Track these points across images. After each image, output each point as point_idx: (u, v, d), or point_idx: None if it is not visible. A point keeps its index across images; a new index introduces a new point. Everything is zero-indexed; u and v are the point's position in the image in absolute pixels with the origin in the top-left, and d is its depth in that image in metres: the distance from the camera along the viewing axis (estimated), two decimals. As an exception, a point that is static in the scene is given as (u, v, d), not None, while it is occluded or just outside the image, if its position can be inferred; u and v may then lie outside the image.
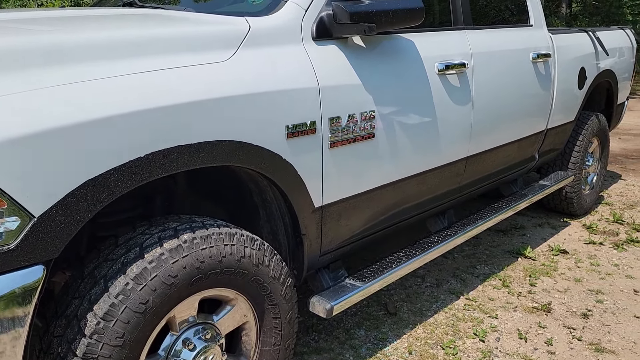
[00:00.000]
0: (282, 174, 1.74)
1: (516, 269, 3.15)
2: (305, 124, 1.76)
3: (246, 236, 1.66)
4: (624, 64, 4.25)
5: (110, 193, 1.32)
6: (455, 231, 2.65)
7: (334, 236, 2.05)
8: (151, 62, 1.45)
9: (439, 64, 2.32)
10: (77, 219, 1.28)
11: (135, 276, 1.40)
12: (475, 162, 2.71)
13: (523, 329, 2.51)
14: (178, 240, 1.49)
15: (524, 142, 3.12)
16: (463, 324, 2.55)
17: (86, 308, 1.36)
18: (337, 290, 2.08)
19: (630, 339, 2.46)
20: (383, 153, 2.10)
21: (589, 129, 3.83)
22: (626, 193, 4.64)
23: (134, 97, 1.35)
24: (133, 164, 1.35)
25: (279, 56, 1.75)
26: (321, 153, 1.84)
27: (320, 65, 1.84)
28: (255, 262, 1.67)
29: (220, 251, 1.56)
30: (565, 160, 3.79)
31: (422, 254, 2.39)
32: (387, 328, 2.51)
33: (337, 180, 1.94)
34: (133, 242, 1.49)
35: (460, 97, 2.45)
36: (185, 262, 1.48)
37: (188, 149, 1.46)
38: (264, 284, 1.71)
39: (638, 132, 7.32)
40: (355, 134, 1.95)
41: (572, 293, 2.87)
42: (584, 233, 3.73)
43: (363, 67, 1.99)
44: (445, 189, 2.59)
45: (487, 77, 2.62)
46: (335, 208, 1.98)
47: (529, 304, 2.74)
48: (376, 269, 2.24)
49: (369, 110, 1.99)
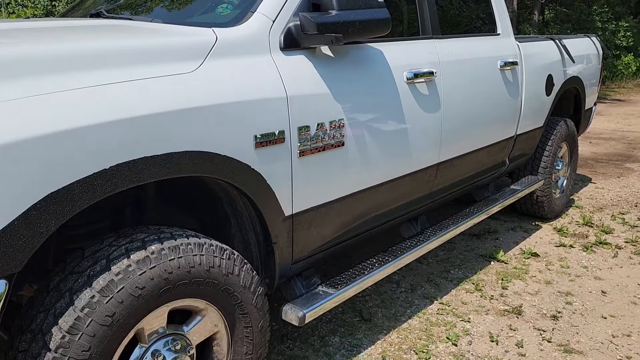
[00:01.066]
0: (251, 183, 1.75)
1: (489, 273, 3.20)
2: (273, 133, 1.78)
3: (215, 246, 1.67)
4: (591, 70, 4.36)
5: (75, 206, 1.32)
6: (428, 236, 2.69)
7: (305, 244, 2.06)
8: (116, 74, 1.45)
9: (408, 72, 2.36)
10: (40, 232, 1.27)
11: (102, 288, 1.39)
12: (446, 168, 2.75)
13: (494, 332, 2.56)
14: (145, 252, 1.49)
15: (494, 147, 3.18)
16: (436, 328, 2.58)
17: (51, 322, 1.35)
18: (309, 297, 2.09)
19: (597, 339, 2.51)
20: (353, 161, 2.12)
21: (558, 134, 3.92)
22: (596, 196, 4.75)
23: (98, 109, 1.35)
24: (98, 176, 1.35)
25: (246, 67, 1.76)
26: (290, 162, 1.86)
27: (288, 75, 1.86)
28: (224, 272, 1.67)
29: (188, 262, 1.56)
30: (535, 165, 3.87)
31: (394, 260, 2.42)
32: (362, 334, 2.53)
33: (307, 189, 1.96)
34: (100, 254, 1.48)
35: (429, 105, 2.49)
36: (152, 274, 1.48)
37: (155, 160, 1.46)
38: (235, 294, 1.71)
39: (608, 136, 7.50)
40: (325, 142, 1.97)
41: (542, 295, 2.93)
42: (555, 236, 3.81)
43: (332, 76, 2.01)
44: (416, 195, 2.63)
45: (456, 85, 2.67)
46: (305, 216, 2.00)
47: (501, 307, 2.79)
48: (349, 275, 2.26)
49: (338, 119, 2.01)
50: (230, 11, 1.92)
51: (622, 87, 13.57)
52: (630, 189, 4.95)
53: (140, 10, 2.28)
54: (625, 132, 7.83)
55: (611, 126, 8.31)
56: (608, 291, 2.99)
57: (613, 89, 13.25)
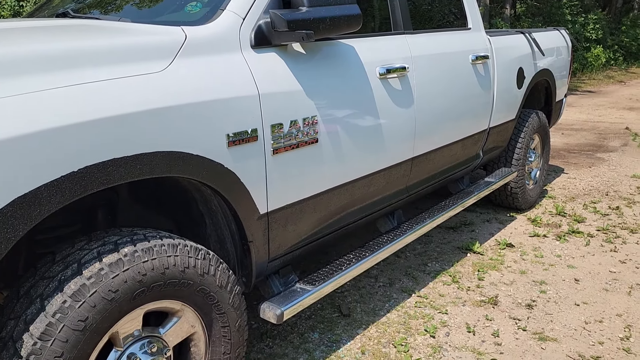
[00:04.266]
0: (225, 182, 1.74)
1: (465, 265, 3.24)
2: (246, 131, 1.77)
3: (190, 246, 1.65)
4: (561, 62, 4.44)
5: (43, 209, 1.29)
6: (405, 230, 2.72)
7: (282, 242, 2.06)
8: (82, 75, 1.43)
9: (380, 68, 2.37)
10: (6, 238, 1.24)
11: (73, 293, 1.37)
12: (421, 162, 2.78)
13: (471, 322, 2.59)
14: (118, 254, 1.47)
15: (468, 141, 3.22)
16: (414, 321, 2.61)
17: (22, 329, 1.33)
18: (287, 295, 2.09)
19: (571, 326, 2.57)
20: (328, 157, 2.13)
21: (530, 126, 3.98)
22: (568, 186, 4.85)
23: (63, 111, 1.33)
24: (66, 179, 1.32)
25: (216, 65, 1.75)
26: (264, 160, 1.86)
27: (259, 73, 1.85)
28: (200, 272, 1.66)
29: (162, 263, 1.55)
30: (508, 157, 3.93)
31: (372, 255, 2.43)
32: (341, 330, 2.54)
33: (282, 186, 1.96)
34: (71, 258, 1.46)
35: (402, 99, 2.51)
36: (126, 276, 1.46)
37: (125, 162, 1.44)
38: (211, 294, 1.70)
39: (579, 127, 7.66)
40: (299, 139, 1.97)
41: (517, 285, 2.98)
42: (529, 226, 3.88)
43: (304, 73, 2.01)
44: (392, 190, 2.65)
45: (428, 79, 2.70)
46: (281, 214, 2.00)
47: (477, 298, 2.83)
48: (326, 271, 2.27)
49: (312, 115, 2.02)
50: (199, 9, 1.91)
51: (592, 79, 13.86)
52: (601, 179, 5.06)
53: (107, 9, 2.25)
54: (596, 122, 8.00)
55: (582, 117, 8.48)
56: (581, 279, 3.06)
57: (583, 81, 13.53)
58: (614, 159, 5.81)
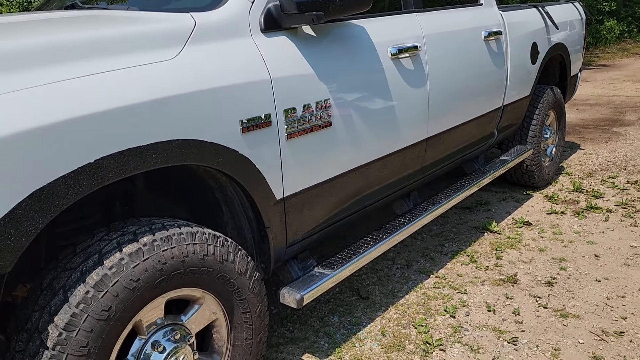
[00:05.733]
0: (240, 169, 1.73)
1: (483, 244, 3.22)
2: (259, 117, 1.76)
3: (208, 234, 1.66)
4: (575, 36, 4.35)
5: (61, 202, 1.30)
6: (421, 212, 2.70)
7: (299, 227, 2.06)
8: (94, 65, 1.42)
9: (392, 48, 2.34)
10: (27, 231, 1.25)
11: (95, 283, 1.38)
12: (436, 142, 2.75)
13: (491, 301, 2.58)
14: (138, 244, 1.48)
15: (482, 119, 3.17)
16: (434, 301, 2.60)
17: (47, 320, 1.34)
18: (306, 280, 2.09)
19: (592, 302, 2.55)
20: (342, 140, 2.11)
21: (545, 102, 3.92)
22: (585, 162, 4.78)
23: (77, 102, 1.32)
24: (83, 171, 1.32)
25: (227, 51, 1.73)
26: (278, 145, 1.84)
27: (270, 57, 1.83)
28: (219, 259, 1.66)
29: (182, 251, 1.55)
30: (524, 135, 3.88)
31: (389, 237, 2.42)
32: (360, 312, 2.54)
33: (297, 171, 1.95)
34: (91, 249, 1.46)
35: (415, 79, 2.47)
36: (146, 265, 1.47)
37: (140, 151, 1.44)
38: (231, 280, 1.71)
39: (594, 102, 7.53)
40: (312, 123, 1.95)
41: (536, 263, 2.96)
42: (546, 204, 3.84)
43: (315, 56, 1.99)
44: (407, 172, 2.63)
45: (441, 58, 2.65)
46: (297, 199, 1.99)
47: (496, 277, 2.81)
48: (344, 255, 2.26)
49: (324, 99, 1.99)
50: (207, -5, 1.88)
51: (606, 52, 13.58)
52: (618, 153, 4.98)
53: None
54: (611, 97, 7.86)
55: (597, 92, 8.33)
56: (601, 254, 3.02)
57: (597, 55, 13.26)
58: (630, 132, 5.70)
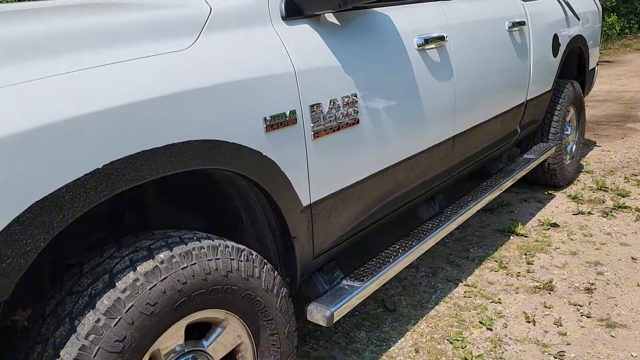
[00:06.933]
0: (264, 172, 1.54)
1: (510, 248, 3.03)
2: (284, 114, 1.57)
3: (231, 247, 1.46)
4: (593, 29, 4.18)
5: (66, 215, 1.10)
6: (449, 215, 2.51)
7: (326, 236, 1.86)
8: (99, 56, 1.23)
9: (418, 38, 2.15)
10: (26, 250, 1.05)
11: (107, 310, 1.18)
12: (462, 140, 2.56)
13: (529, 311, 2.39)
14: (154, 261, 1.28)
15: (507, 115, 2.99)
16: (467, 312, 2.41)
17: (51, 355, 1.14)
18: (334, 294, 1.90)
19: (638, 309, 2.36)
20: (369, 139, 1.92)
21: (566, 98, 3.74)
22: (604, 159, 4.60)
23: (80, 99, 1.13)
24: (90, 178, 1.13)
25: (246, 40, 1.54)
26: (304, 145, 1.65)
27: (293, 48, 1.64)
28: (244, 276, 1.47)
29: (203, 268, 1.36)
30: (545, 132, 3.70)
31: (419, 244, 2.23)
32: (389, 326, 2.35)
33: (324, 174, 1.76)
34: (101, 268, 1.27)
35: (441, 72, 2.29)
36: (164, 286, 1.27)
37: (154, 154, 1.25)
38: (257, 299, 1.51)
39: (603, 98, 7.36)
40: (339, 120, 1.76)
41: (571, 267, 2.77)
42: (571, 204, 3.65)
43: (340, 46, 1.80)
44: (434, 173, 2.44)
45: (467, 49, 2.47)
46: (324, 205, 1.80)
47: (530, 284, 2.62)
48: (373, 265, 2.07)
49: (351, 93, 1.81)
50: (222, -21, 1.69)
51: (608, 48, 13.44)
52: (637, 150, 4.80)
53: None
54: (620, 92, 7.70)
55: (605, 88, 8.17)
56: (638, 257, 2.84)
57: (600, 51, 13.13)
58: (646, 128, 5.54)
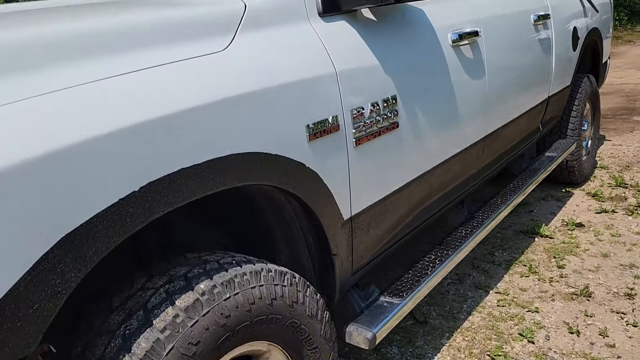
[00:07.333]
0: (306, 185, 1.39)
1: (537, 251, 2.91)
2: (326, 120, 1.41)
3: (274, 271, 1.31)
4: (606, 20, 4.07)
5: (100, 247, 0.94)
6: (482, 220, 2.37)
7: (365, 250, 1.71)
8: (126, 62, 1.07)
9: (452, 34, 2.00)
10: (56, 292, 0.89)
11: (146, 354, 1.02)
12: (492, 140, 2.42)
13: (570, 320, 2.26)
14: (193, 293, 1.12)
15: (532, 112, 2.86)
16: (503, 323, 2.28)
17: (83, 409, 0.98)
18: (373, 312, 1.75)
19: (684, 316, 2.25)
20: (408, 144, 1.77)
21: (584, 92, 3.62)
22: (617, 154, 4.50)
23: (106, 113, 0.97)
24: (126, 203, 0.97)
25: (285, 39, 1.38)
26: (346, 154, 1.50)
27: (333, 46, 1.48)
28: (289, 302, 1.31)
29: (247, 297, 1.20)
30: (563, 128, 3.57)
31: (455, 252, 2.09)
32: (422, 340, 2.21)
33: (365, 184, 1.61)
34: (133, 302, 1.11)
35: (475, 70, 2.14)
36: (207, 322, 1.11)
37: (195, 172, 1.09)
38: (301, 327, 1.36)
39: (604, 91, 7.27)
40: (380, 125, 1.61)
41: (605, 271, 2.65)
42: (592, 202, 3.54)
43: (378, 44, 1.65)
44: (466, 176, 2.30)
45: (498, 45, 2.33)
46: (364, 217, 1.65)
47: (565, 290, 2.50)
48: (410, 278, 1.92)
49: (391, 95, 1.65)
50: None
51: (600, 41, 13.42)
52: (649, 143, 4.71)
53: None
54: (620, 85, 7.62)
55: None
56: (672, 258, 2.73)
57: (592, 44, 13.08)
58: (654, 121, 5.45)
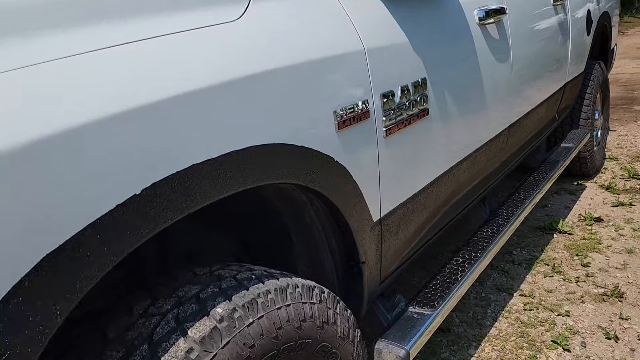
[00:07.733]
0: (333, 182, 1.18)
1: (557, 248, 2.73)
2: (355, 105, 1.20)
3: (301, 286, 1.09)
4: (615, 5, 3.91)
5: (95, 267, 0.72)
6: (507, 218, 2.18)
7: (393, 255, 1.51)
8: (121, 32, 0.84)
9: (479, 11, 1.80)
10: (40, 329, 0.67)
11: (154, 402, 0.80)
12: (515, 130, 2.23)
13: (605, 324, 2.08)
14: (209, 320, 0.91)
15: (550, 101, 2.68)
16: (533, 330, 2.09)
17: None
18: (403, 325, 1.54)
19: None
20: (438, 134, 1.57)
21: (596, 80, 3.45)
22: (624, 144, 4.35)
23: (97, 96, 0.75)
24: (124, 210, 0.75)
25: (305, 9, 1.17)
26: (376, 145, 1.29)
27: (359, 20, 1.27)
28: (319, 323, 1.10)
29: (273, 322, 0.99)
30: (575, 117, 3.40)
31: (484, 254, 1.90)
32: (447, 351, 2.01)
33: (395, 180, 1.40)
34: (135, 333, 0.89)
35: (501, 52, 1.95)
36: (227, 354, 0.90)
37: (208, 169, 0.87)
38: (332, 350, 1.15)
39: (601, 81, 7.16)
40: (410, 112, 1.40)
41: (633, 269, 2.48)
42: (606, 194, 3.38)
43: (406, 20, 1.44)
44: (490, 169, 2.10)
45: (522, 25, 2.14)
46: (393, 218, 1.44)
47: (594, 291, 2.32)
48: (440, 285, 1.72)
49: (421, 78, 1.45)
50: None
51: (589, 32, 13.38)
52: (655, 133, 4.58)
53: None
54: (615, 74, 7.51)
55: (599, 70, 7.98)
56: (701, 253, 2.57)
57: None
58: (656, 110, 5.33)
